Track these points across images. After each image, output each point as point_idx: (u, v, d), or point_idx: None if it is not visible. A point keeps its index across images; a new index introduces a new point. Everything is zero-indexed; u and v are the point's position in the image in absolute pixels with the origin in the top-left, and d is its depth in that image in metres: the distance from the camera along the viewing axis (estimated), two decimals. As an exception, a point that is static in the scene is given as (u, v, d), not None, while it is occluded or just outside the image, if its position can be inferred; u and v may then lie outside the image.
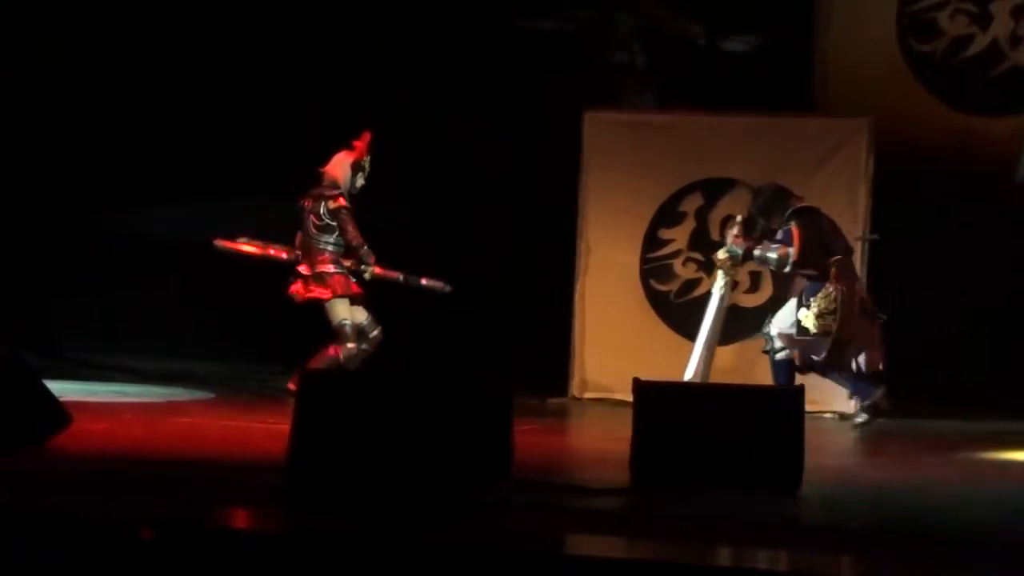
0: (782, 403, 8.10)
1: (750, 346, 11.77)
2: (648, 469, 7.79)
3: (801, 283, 10.75)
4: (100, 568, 6.08)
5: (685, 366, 11.28)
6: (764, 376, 10.98)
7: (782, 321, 10.73)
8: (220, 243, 11.22)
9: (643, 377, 8.37)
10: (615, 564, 6.20)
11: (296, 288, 11.00)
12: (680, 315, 11.98)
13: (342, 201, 10.93)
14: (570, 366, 12.12)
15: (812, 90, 12.81)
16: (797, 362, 10.71)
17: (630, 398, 8.14)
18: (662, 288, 12.05)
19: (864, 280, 11.00)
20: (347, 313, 10.93)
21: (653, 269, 12.06)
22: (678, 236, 12.05)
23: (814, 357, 10.55)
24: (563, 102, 12.42)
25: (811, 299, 10.52)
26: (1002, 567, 6.21)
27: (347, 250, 11.00)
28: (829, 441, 10.18)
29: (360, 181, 11.06)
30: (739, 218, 10.96)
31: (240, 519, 6.95)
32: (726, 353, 11.79)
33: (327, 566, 6.06)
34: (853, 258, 10.89)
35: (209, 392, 11.72)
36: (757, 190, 10.95)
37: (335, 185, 10.99)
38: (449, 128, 13.03)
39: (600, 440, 9.87)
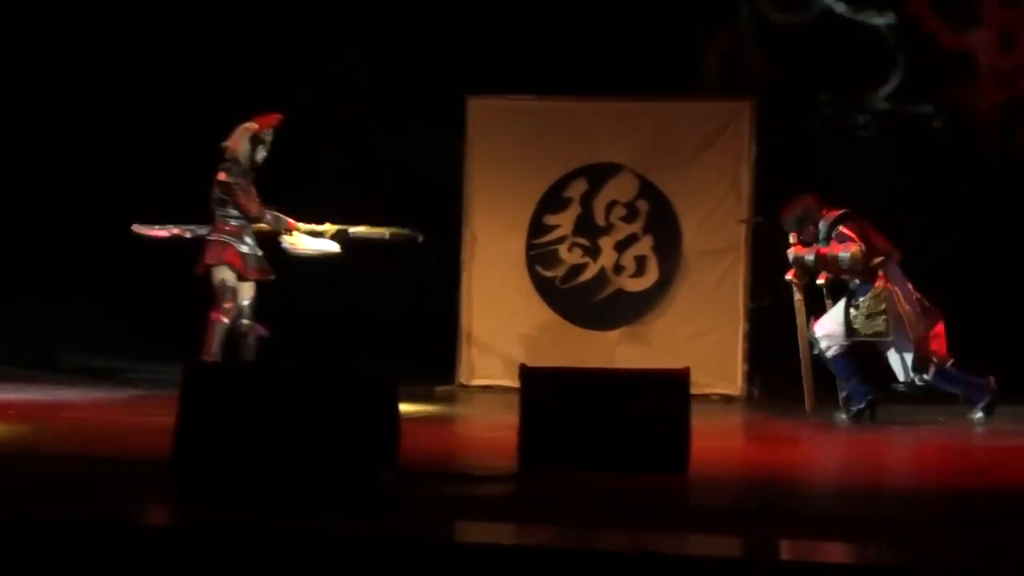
0: (667, 386, 8.11)
1: (636, 330, 11.83)
2: (535, 455, 7.79)
3: None
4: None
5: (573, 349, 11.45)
6: (650, 360, 11.03)
7: (827, 324, 10.46)
8: (137, 229, 11.22)
9: (530, 363, 8.41)
10: (504, 550, 6.17)
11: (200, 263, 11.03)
12: (566, 300, 12.02)
13: (223, 176, 10.92)
14: (457, 354, 12.12)
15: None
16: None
17: (517, 384, 8.16)
18: (548, 274, 12.07)
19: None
20: (229, 276, 10.87)
21: (539, 255, 12.08)
22: (563, 222, 12.08)
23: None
24: (447, 88, 12.40)
25: (860, 300, 10.32)
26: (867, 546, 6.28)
27: (250, 221, 10.96)
28: (714, 423, 10.24)
29: (261, 154, 11.00)
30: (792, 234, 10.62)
31: (124, 515, 6.88)
32: (612, 338, 11.84)
33: (213, 558, 6.02)
34: (893, 261, 10.51)
35: (101, 389, 11.54)
36: (791, 202, 10.68)
37: (235, 159, 10.95)
38: (338, 117, 13.01)
39: (487, 427, 9.89)
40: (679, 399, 7.96)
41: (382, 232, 11.07)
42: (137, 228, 11.26)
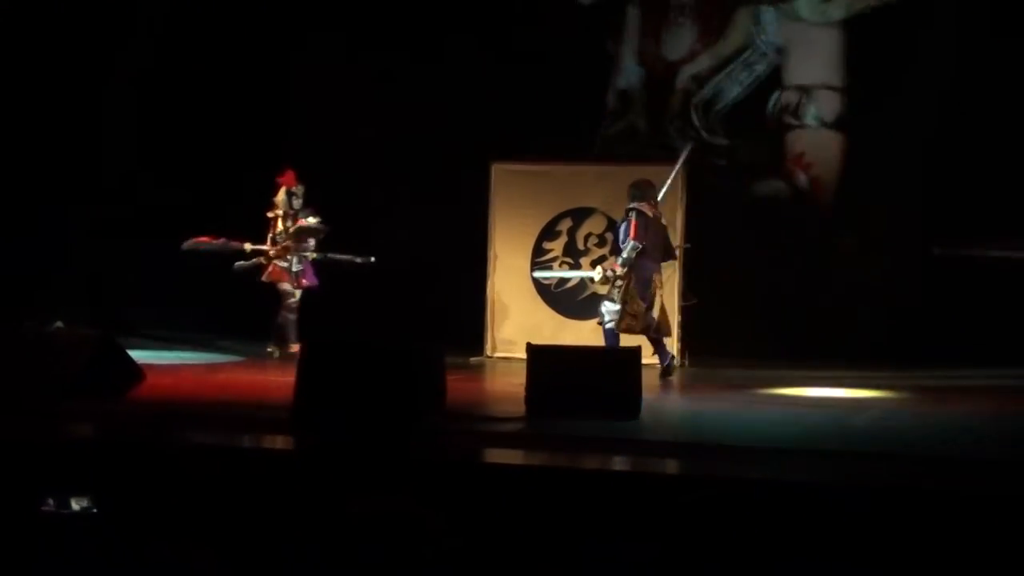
0: (626, 358, 8.08)
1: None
2: (537, 404, 7.79)
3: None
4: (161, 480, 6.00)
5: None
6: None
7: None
8: (187, 244, 10.84)
9: (534, 342, 8.47)
10: (516, 468, 6.28)
11: None
12: (558, 300, 11.98)
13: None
14: (485, 334, 12.13)
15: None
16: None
17: (525, 356, 8.21)
18: (545, 282, 12.09)
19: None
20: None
21: (539, 269, 12.09)
22: (556, 247, 12.02)
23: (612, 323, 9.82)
24: (474, 156, 12.32)
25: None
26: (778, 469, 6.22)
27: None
28: (657, 382, 10.03)
29: (295, 201, 10.98)
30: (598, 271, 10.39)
31: (257, 442, 6.94)
32: (589, 326, 11.73)
33: (322, 474, 6.06)
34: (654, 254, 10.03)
35: (238, 356, 11.51)
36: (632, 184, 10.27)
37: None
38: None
39: (506, 385, 9.77)
40: (633, 367, 7.91)
41: (352, 257, 11.03)
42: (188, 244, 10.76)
